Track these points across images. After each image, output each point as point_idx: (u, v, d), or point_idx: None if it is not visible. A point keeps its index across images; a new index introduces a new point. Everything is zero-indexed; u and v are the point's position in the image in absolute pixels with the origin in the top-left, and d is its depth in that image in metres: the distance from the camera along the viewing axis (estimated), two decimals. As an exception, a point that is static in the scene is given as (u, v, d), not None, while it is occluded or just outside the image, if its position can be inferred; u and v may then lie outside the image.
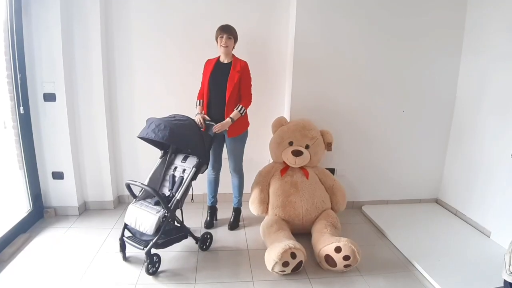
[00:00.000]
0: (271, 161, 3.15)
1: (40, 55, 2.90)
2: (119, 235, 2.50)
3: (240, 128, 2.85)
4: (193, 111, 2.82)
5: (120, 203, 3.50)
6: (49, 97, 2.97)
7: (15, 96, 2.80)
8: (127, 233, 2.51)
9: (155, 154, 2.81)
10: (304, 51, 3.18)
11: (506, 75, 2.90)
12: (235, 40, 2.78)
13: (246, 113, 2.88)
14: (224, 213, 3.20)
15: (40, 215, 3.11)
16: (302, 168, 2.97)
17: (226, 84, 2.72)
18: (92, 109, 3.16)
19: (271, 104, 3.42)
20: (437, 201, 3.75)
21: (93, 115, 3.17)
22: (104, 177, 3.31)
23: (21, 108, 2.83)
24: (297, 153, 2.89)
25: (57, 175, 3.13)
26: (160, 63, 3.26)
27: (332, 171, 3.40)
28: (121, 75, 3.26)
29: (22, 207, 2.97)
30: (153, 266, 2.36)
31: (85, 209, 3.33)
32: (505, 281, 1.94)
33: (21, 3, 2.78)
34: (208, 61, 2.86)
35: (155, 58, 3.24)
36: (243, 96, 2.78)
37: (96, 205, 3.35)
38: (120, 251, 2.52)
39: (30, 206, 3.02)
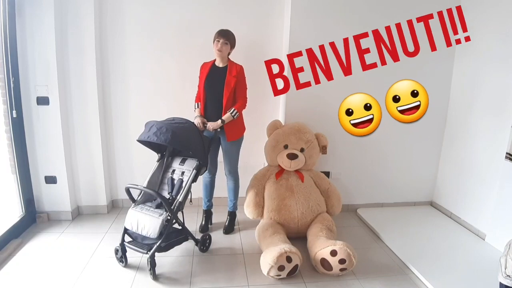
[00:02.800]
0: (266, 164, 3.14)
1: (33, 58, 2.87)
2: (119, 241, 2.45)
3: (239, 133, 2.89)
4: (188, 115, 2.81)
5: (114, 208, 3.46)
6: (42, 100, 2.94)
7: (8, 99, 2.77)
8: (127, 238, 2.47)
9: (149, 158, 2.79)
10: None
11: (499, 78, 2.93)
12: (232, 46, 2.78)
13: (242, 118, 2.90)
14: (219, 217, 3.18)
15: (32, 220, 3.07)
16: (297, 171, 2.96)
17: (222, 88, 2.72)
18: (85, 113, 3.13)
19: (266, 108, 3.42)
20: (431, 204, 3.76)
21: (86, 119, 3.14)
22: (98, 181, 3.28)
23: (14, 111, 2.80)
24: (292, 157, 2.88)
25: (50, 180, 3.09)
26: (154, 67, 3.24)
27: (327, 174, 3.40)
28: (115, 79, 3.24)
29: (14, 212, 2.92)
30: (153, 269, 2.33)
31: (78, 214, 3.29)
32: (501, 284, 1.95)
33: (15, 5, 2.76)
34: (204, 64, 2.86)
35: (150, 62, 3.23)
36: (238, 99, 2.79)
37: (90, 209, 3.31)
38: (119, 258, 2.48)
39: (23, 211, 2.98)
